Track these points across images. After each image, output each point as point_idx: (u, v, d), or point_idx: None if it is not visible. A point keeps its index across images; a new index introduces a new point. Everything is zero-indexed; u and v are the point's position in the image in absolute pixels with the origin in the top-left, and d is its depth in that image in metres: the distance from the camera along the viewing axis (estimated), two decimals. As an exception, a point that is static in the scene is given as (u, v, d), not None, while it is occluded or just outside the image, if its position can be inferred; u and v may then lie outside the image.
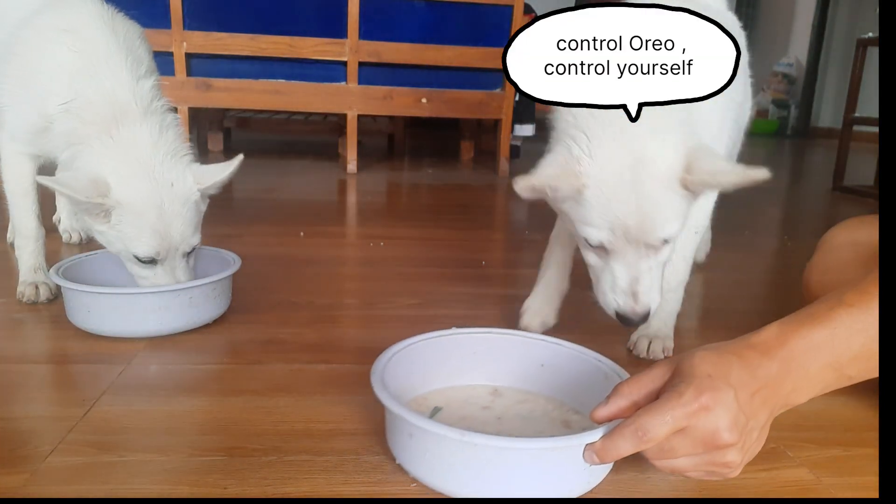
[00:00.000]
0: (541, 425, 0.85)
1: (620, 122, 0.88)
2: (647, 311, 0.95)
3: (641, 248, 0.92)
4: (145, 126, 1.15)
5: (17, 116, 1.26)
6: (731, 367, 0.65)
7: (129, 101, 1.17)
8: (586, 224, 0.93)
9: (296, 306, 1.35)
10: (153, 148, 1.14)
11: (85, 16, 1.23)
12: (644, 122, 0.86)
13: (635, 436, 0.63)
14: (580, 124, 0.92)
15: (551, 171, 0.92)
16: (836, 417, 0.97)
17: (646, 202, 0.89)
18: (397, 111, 3.33)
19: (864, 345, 0.67)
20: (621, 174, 0.89)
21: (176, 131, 1.21)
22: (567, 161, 0.92)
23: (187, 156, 1.20)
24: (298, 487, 0.75)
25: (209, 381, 1.02)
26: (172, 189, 1.15)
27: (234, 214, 2.18)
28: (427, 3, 3.11)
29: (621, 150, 0.89)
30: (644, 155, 0.88)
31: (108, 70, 1.18)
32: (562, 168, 0.91)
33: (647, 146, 0.89)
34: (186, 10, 2.92)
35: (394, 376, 0.82)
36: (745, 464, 0.67)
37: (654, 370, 0.69)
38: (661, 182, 0.88)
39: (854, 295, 0.69)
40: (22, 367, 1.04)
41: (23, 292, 1.31)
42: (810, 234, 2.13)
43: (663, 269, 0.98)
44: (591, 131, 0.91)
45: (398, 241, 1.94)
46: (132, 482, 0.75)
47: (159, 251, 1.15)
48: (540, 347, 0.93)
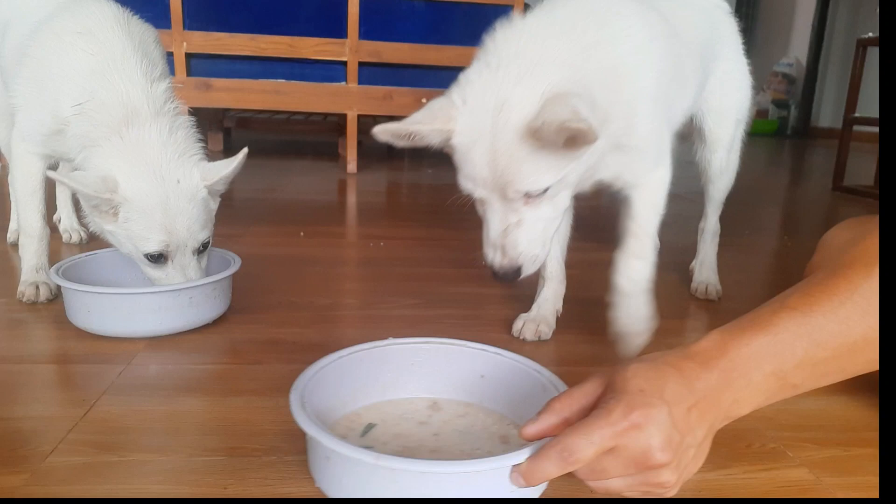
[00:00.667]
0: (479, 441, 0.80)
1: (498, 63, 0.84)
2: (514, 265, 0.89)
3: (509, 200, 0.87)
4: (155, 127, 1.16)
5: (30, 117, 1.27)
6: (666, 380, 0.61)
7: (141, 102, 1.17)
8: (459, 172, 0.90)
9: (296, 306, 1.35)
10: (161, 147, 1.15)
11: (100, 18, 1.23)
12: (519, 61, 0.83)
13: (560, 457, 0.58)
14: (471, 67, 0.89)
15: (420, 115, 0.87)
16: (836, 417, 0.97)
17: (500, 153, 0.83)
18: (397, 111, 3.32)
19: (808, 351, 0.62)
20: (483, 121, 0.84)
21: (186, 132, 1.21)
22: (443, 106, 0.88)
23: (196, 155, 1.20)
24: (298, 487, 0.75)
25: (209, 381, 1.02)
26: (178, 186, 1.15)
27: (234, 214, 2.18)
28: (427, 3, 3.11)
29: (488, 94, 0.84)
30: (506, 101, 0.83)
31: (123, 72, 1.18)
32: (433, 112, 0.87)
33: (512, 92, 0.83)
34: (186, 10, 2.92)
35: (322, 393, 0.79)
36: (682, 482, 0.63)
37: (587, 384, 0.65)
38: (516, 132, 0.82)
39: (797, 298, 0.65)
40: (22, 367, 1.04)
41: (23, 292, 1.31)
42: (810, 234, 2.13)
43: (552, 223, 0.92)
44: (472, 74, 0.88)
45: (398, 241, 1.94)
46: (132, 482, 0.75)
47: (168, 246, 1.16)
48: (480, 358, 0.88)
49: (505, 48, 0.87)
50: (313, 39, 3.03)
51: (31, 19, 1.31)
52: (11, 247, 1.71)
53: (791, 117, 7.14)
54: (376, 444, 0.79)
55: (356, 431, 0.81)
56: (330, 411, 0.81)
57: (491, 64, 0.86)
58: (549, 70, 0.84)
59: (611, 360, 0.88)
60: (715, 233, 1.56)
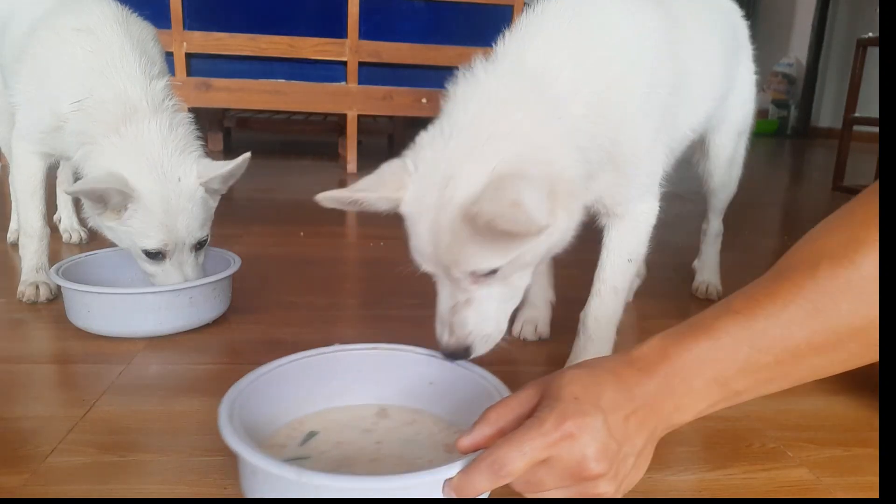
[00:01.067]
0: (422, 450, 0.77)
1: (450, 131, 0.78)
2: (463, 345, 0.82)
3: (454, 279, 0.81)
4: (154, 123, 1.16)
5: (30, 115, 1.27)
6: (603, 387, 0.59)
7: (140, 99, 1.17)
8: (409, 242, 0.85)
9: (296, 306, 1.35)
10: (161, 144, 1.15)
11: (100, 16, 1.24)
12: (472, 131, 0.76)
13: (491, 470, 0.56)
14: (429, 128, 0.82)
15: (369, 180, 0.81)
16: (836, 417, 0.96)
17: (443, 231, 0.77)
18: (397, 111, 3.33)
19: (750, 356, 0.59)
20: (429, 194, 0.77)
21: (186, 129, 1.21)
22: (395, 171, 0.81)
23: (195, 152, 1.20)
24: (298, 487, 0.75)
25: (209, 381, 1.02)
26: (180, 184, 1.15)
27: (234, 214, 2.18)
28: (427, 3, 3.11)
29: (437, 166, 0.77)
30: (452, 177, 0.75)
31: (122, 69, 1.19)
32: (383, 178, 0.81)
33: (460, 167, 0.75)
34: (186, 10, 2.92)
35: (262, 401, 0.77)
36: (622, 493, 0.61)
37: (523, 392, 0.62)
38: (460, 212, 0.74)
39: (741, 301, 0.61)
40: (22, 367, 1.04)
41: (23, 292, 1.31)
42: (810, 234, 2.12)
43: (507, 303, 0.86)
44: (426, 138, 0.80)
45: (398, 241, 1.93)
46: (132, 482, 0.75)
47: (167, 244, 1.16)
48: (428, 364, 0.85)
49: (460, 113, 0.79)
50: (313, 39, 3.03)
51: (30, 16, 1.31)
52: (11, 247, 1.71)
53: (791, 117, 7.14)
54: (315, 452, 0.76)
55: (296, 440, 0.78)
56: (272, 420, 0.78)
57: (444, 131, 0.78)
58: (503, 144, 0.75)
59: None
60: (718, 234, 1.57)
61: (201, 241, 1.21)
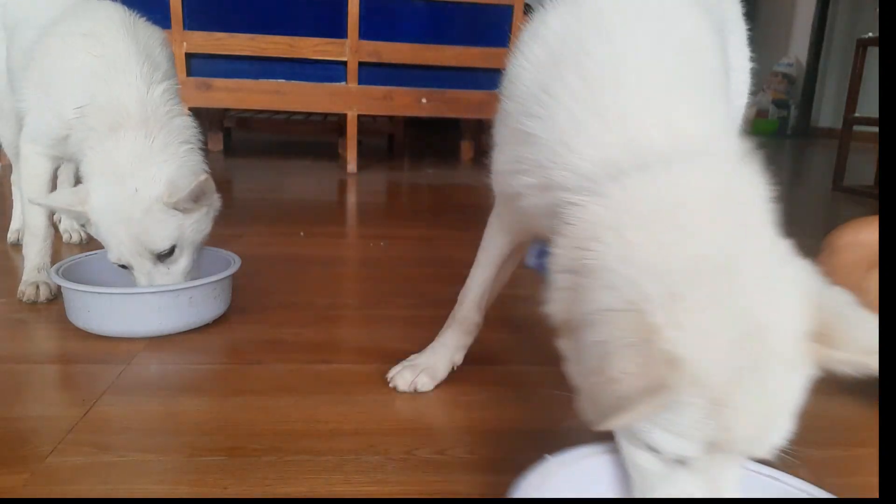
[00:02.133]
0: None
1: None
2: None
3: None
4: (140, 132, 1.15)
5: (38, 120, 1.28)
6: None
7: (133, 107, 1.17)
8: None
9: (296, 306, 1.35)
10: (136, 154, 1.14)
11: (105, 21, 1.24)
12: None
13: None
14: None
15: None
16: (836, 417, 0.96)
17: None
18: (397, 111, 3.33)
19: None
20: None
21: (175, 137, 1.19)
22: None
23: (169, 162, 1.16)
24: (298, 487, 0.75)
25: (209, 381, 1.02)
26: (135, 195, 1.13)
27: (234, 214, 2.18)
28: (427, 3, 3.11)
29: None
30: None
31: (121, 75, 1.19)
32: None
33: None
34: (186, 10, 2.92)
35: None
36: None
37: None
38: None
39: None
40: (22, 367, 1.04)
41: (23, 291, 1.31)
42: (810, 234, 2.12)
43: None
44: None
45: (398, 241, 1.94)
46: (132, 482, 0.75)
47: (120, 256, 1.16)
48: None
49: None
50: (313, 39, 3.03)
51: (37, 24, 1.32)
52: (11, 247, 1.71)
53: (791, 117, 7.13)
54: None
55: None
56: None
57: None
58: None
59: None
60: None
61: (161, 253, 1.17)
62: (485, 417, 0.94)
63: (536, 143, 0.69)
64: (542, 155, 0.68)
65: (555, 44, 0.72)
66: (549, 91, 0.69)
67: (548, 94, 0.69)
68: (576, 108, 0.66)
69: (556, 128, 0.67)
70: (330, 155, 3.82)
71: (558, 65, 0.70)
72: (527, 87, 0.73)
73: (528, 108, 0.71)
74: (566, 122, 0.66)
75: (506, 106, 0.77)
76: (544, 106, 0.69)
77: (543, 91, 0.70)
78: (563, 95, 0.68)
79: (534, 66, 0.73)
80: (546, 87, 0.70)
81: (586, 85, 0.67)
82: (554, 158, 0.67)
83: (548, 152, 0.68)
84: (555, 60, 0.71)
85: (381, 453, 0.83)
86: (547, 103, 0.69)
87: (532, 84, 0.72)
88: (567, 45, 0.71)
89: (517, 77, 0.75)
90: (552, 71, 0.71)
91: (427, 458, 0.83)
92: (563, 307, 0.60)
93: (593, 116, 0.65)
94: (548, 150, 0.68)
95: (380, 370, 1.05)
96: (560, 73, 0.69)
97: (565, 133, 0.66)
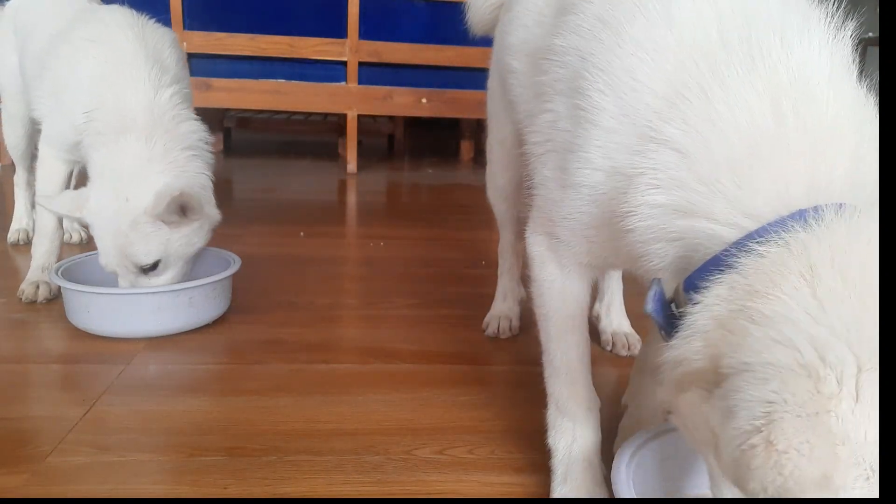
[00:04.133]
0: None
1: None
2: None
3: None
4: (141, 138, 1.15)
5: (52, 127, 1.30)
6: None
7: (138, 111, 1.17)
8: None
9: (296, 306, 1.35)
10: (132, 160, 1.14)
11: (114, 26, 1.24)
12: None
13: None
14: None
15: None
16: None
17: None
18: (397, 111, 3.33)
19: None
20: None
21: (178, 143, 1.18)
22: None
23: (165, 172, 1.14)
24: (298, 487, 0.75)
25: (209, 381, 1.02)
26: (126, 205, 1.12)
27: (234, 214, 2.18)
28: (427, 3, 3.11)
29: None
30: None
31: (128, 80, 1.19)
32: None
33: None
34: (186, 10, 2.92)
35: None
36: None
37: None
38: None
39: None
40: (22, 367, 1.04)
41: (23, 290, 1.31)
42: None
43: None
44: None
45: (398, 241, 1.94)
46: (132, 482, 0.75)
47: (106, 264, 1.16)
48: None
49: None
50: (313, 39, 3.03)
51: (48, 30, 1.33)
52: (12, 247, 1.71)
53: (791, 117, 7.14)
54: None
55: None
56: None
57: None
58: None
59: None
60: None
61: (145, 266, 1.16)
62: (485, 417, 0.94)
63: (674, 155, 0.56)
64: (685, 173, 0.55)
65: (695, 34, 0.58)
66: (693, 96, 0.56)
67: (694, 100, 0.56)
68: (751, 130, 0.54)
69: (712, 146, 0.54)
70: (330, 155, 3.81)
71: (709, 65, 0.56)
72: (650, 85, 0.58)
73: (659, 110, 0.57)
74: (735, 143, 0.54)
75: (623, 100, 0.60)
76: (687, 114, 0.56)
77: (686, 96, 0.56)
78: (731, 110, 0.54)
79: (662, 60, 0.58)
80: (687, 89, 0.56)
81: (768, 101, 0.54)
82: (706, 181, 0.54)
83: (697, 171, 0.54)
84: (701, 57, 0.57)
85: (381, 453, 0.83)
86: (696, 112, 0.55)
87: (659, 82, 0.58)
88: (716, 39, 0.57)
89: (631, 68, 0.59)
90: (698, 70, 0.57)
91: (427, 458, 0.83)
92: (706, 352, 0.51)
93: (775, 142, 0.53)
94: (698, 168, 0.55)
95: (380, 370, 1.05)
96: (718, 76, 0.55)
97: (731, 157, 0.53)
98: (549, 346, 0.76)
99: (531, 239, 0.75)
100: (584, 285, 0.74)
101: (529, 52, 0.82)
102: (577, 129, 0.63)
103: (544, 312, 0.75)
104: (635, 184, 0.57)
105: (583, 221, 0.66)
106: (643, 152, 0.57)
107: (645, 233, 0.58)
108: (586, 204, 0.64)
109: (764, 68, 0.55)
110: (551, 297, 0.74)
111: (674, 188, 0.55)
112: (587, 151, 0.62)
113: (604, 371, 1.08)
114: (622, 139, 0.59)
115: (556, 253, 0.72)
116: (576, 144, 0.63)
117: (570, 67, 0.65)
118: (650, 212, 0.57)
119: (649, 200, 0.57)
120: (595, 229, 0.65)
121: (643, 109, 0.58)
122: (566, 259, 0.72)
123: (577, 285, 0.73)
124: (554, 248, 0.72)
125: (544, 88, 0.70)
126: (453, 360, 1.12)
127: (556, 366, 0.76)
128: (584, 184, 0.63)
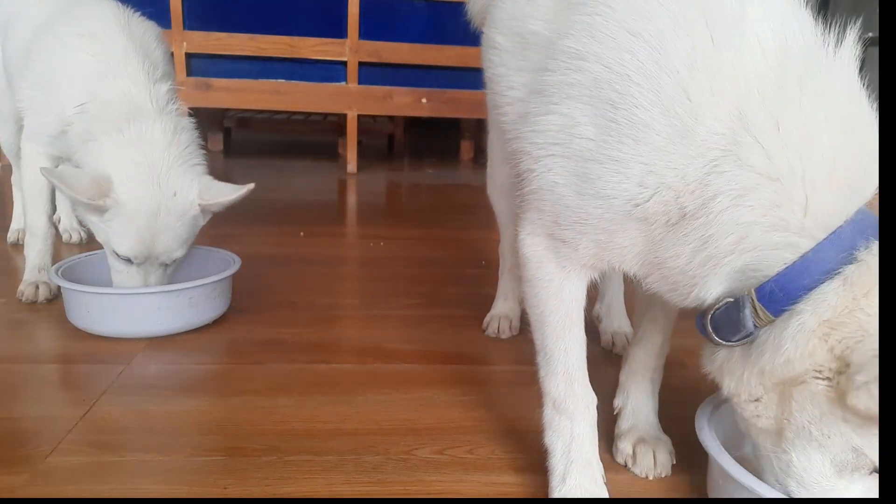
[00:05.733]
0: None
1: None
2: None
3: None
4: (159, 125, 1.15)
5: (37, 120, 1.28)
6: None
7: (144, 100, 1.17)
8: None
9: (296, 306, 1.35)
10: (165, 149, 1.14)
11: (101, 20, 1.24)
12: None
13: None
14: None
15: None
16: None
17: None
18: (397, 111, 3.33)
19: None
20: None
21: (190, 135, 1.20)
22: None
23: (199, 165, 1.19)
24: (298, 487, 0.75)
25: (209, 381, 1.02)
26: (174, 199, 1.13)
27: (234, 214, 2.17)
28: (427, 3, 3.10)
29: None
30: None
31: (125, 71, 1.18)
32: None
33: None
34: (186, 10, 2.92)
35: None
36: None
37: None
38: None
39: None
40: (22, 367, 1.04)
41: (23, 291, 1.31)
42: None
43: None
44: None
45: (398, 241, 1.94)
46: (132, 482, 0.75)
47: (137, 256, 1.15)
48: None
49: None
50: (313, 39, 3.03)
51: (32, 21, 1.31)
52: (11, 247, 1.71)
53: (791, 117, 7.14)
54: None
55: None
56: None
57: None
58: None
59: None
60: None
61: (175, 259, 1.19)
62: (485, 417, 0.94)
63: (759, 178, 0.58)
64: (773, 195, 0.58)
65: (744, 58, 0.60)
66: (764, 122, 0.58)
67: (767, 127, 0.58)
68: (822, 153, 0.58)
69: (795, 170, 0.57)
70: (330, 155, 3.81)
71: (769, 91, 0.59)
72: (711, 109, 0.59)
73: (724, 133, 0.59)
74: (809, 166, 0.57)
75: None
76: (764, 141, 0.58)
77: (756, 122, 0.58)
78: (803, 137, 0.58)
79: (719, 84, 0.59)
80: (754, 115, 0.58)
81: (826, 126, 0.59)
82: (795, 200, 0.57)
83: (787, 193, 0.57)
84: (757, 81, 0.59)
85: (381, 453, 0.83)
86: (771, 139, 0.57)
87: (720, 107, 0.59)
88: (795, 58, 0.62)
89: (685, 89, 0.59)
90: (760, 96, 0.59)
91: (427, 458, 0.83)
92: (822, 347, 0.56)
93: (836, 163, 0.58)
94: (787, 190, 0.57)
95: (380, 370, 1.05)
96: (781, 102, 0.58)
97: (809, 178, 0.57)
98: (546, 345, 0.76)
99: (527, 240, 0.75)
100: (583, 285, 0.74)
101: (518, 31, 0.79)
102: (609, 141, 0.62)
103: (540, 312, 0.75)
104: (711, 202, 0.59)
105: (601, 227, 0.66)
106: (720, 174, 0.58)
107: (719, 245, 0.60)
108: (613, 213, 0.64)
109: (817, 94, 0.60)
110: (548, 296, 0.74)
111: (765, 207, 0.58)
112: (627, 167, 0.61)
113: (604, 371, 1.08)
114: (677, 158, 0.60)
115: (557, 254, 0.72)
116: (605, 156, 0.62)
117: (589, 74, 0.64)
118: (734, 228, 0.59)
119: (736, 218, 0.58)
120: (609, 234, 0.66)
121: (703, 133, 0.59)
122: (567, 260, 0.72)
123: (575, 285, 0.74)
124: (555, 249, 0.72)
125: (549, 88, 0.68)
126: (453, 360, 1.13)
127: (553, 364, 0.75)
128: (617, 196, 0.62)
